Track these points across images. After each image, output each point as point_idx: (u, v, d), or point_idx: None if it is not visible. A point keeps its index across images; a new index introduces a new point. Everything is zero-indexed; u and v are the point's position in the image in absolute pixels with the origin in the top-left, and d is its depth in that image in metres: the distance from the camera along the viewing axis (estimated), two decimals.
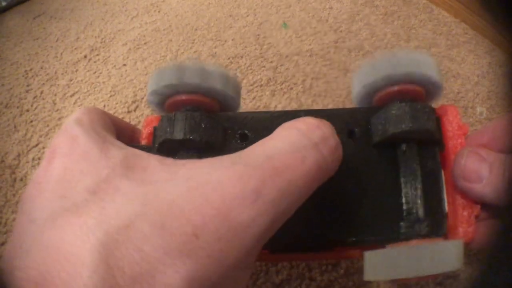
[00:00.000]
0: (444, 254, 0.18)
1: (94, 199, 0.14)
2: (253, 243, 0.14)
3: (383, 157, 0.21)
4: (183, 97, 0.21)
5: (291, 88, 0.43)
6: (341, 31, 0.49)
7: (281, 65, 0.45)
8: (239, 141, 0.21)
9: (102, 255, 0.12)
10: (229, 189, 0.14)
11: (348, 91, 0.43)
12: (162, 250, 0.13)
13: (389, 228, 0.20)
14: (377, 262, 0.19)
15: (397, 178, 0.21)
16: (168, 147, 0.20)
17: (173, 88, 0.20)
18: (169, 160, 0.16)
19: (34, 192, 0.15)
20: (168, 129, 0.20)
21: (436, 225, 0.20)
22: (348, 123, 0.21)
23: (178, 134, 0.19)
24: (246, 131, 0.21)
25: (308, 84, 0.43)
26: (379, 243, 0.21)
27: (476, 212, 0.21)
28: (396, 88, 0.21)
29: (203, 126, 0.20)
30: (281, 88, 0.43)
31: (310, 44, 0.48)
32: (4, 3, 0.59)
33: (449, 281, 0.29)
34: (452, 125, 0.22)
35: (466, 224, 0.20)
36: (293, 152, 0.15)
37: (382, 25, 0.50)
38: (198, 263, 0.13)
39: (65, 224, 0.13)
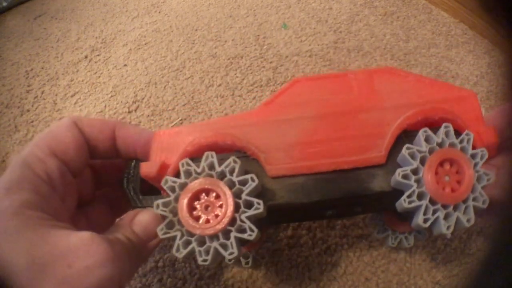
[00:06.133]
0: None
1: None
2: None
3: None
4: None
5: None
6: (340, 32, 0.49)
7: (281, 66, 0.45)
8: None
9: None
10: None
11: None
12: None
13: None
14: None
15: None
16: None
17: None
18: None
19: None
20: None
21: None
22: None
23: None
24: None
25: None
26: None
27: None
28: None
29: None
30: None
31: (309, 45, 0.48)
32: (5, 3, 0.59)
33: (448, 280, 0.29)
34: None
35: None
36: None
37: (382, 26, 0.50)
38: None
39: None
